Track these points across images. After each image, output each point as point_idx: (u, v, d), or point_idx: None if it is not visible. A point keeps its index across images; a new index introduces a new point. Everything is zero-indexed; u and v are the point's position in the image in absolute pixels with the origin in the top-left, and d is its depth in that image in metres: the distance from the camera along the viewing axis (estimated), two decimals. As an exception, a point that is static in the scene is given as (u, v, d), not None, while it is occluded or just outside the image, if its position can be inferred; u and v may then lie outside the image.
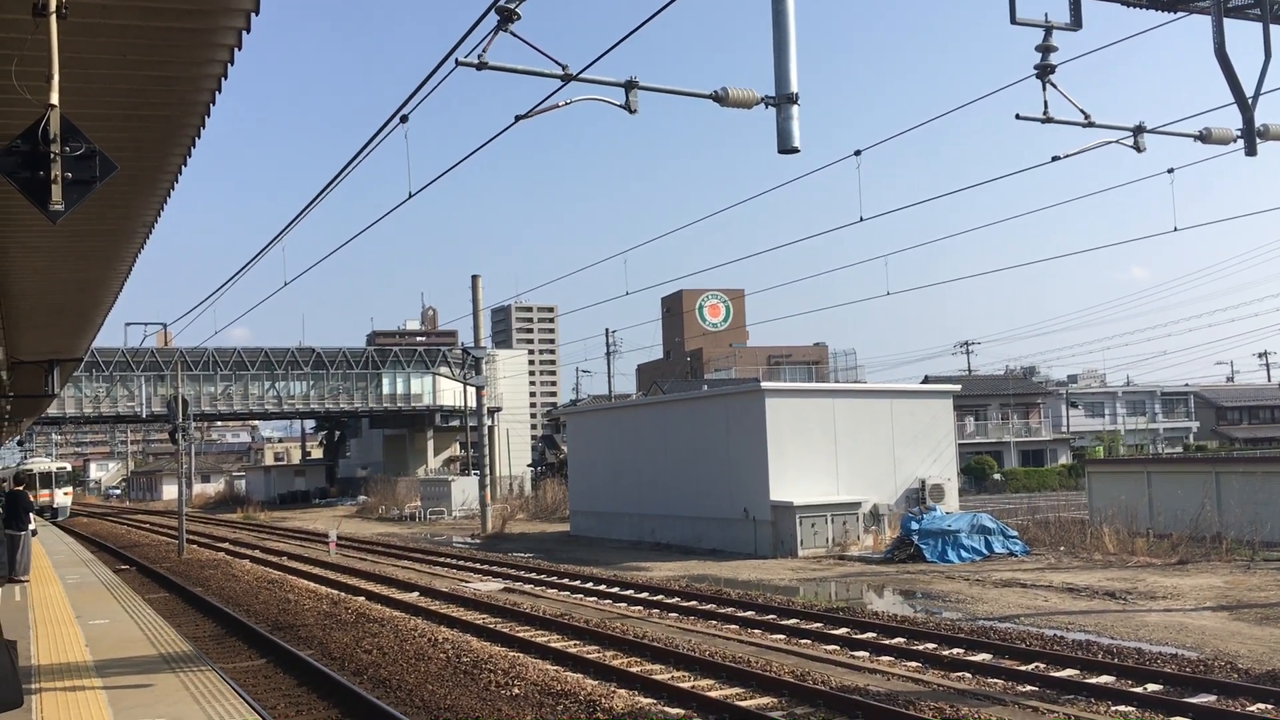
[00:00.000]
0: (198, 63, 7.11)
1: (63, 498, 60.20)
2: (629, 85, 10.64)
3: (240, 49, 6.91)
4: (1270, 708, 10.84)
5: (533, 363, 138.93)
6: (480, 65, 9.80)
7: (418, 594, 22.12)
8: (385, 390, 72.60)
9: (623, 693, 11.87)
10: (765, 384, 32.26)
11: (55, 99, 5.39)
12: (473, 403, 50.53)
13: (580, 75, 10.35)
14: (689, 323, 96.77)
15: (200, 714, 8.67)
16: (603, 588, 22.26)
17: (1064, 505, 36.81)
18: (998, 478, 60.62)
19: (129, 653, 11.82)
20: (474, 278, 44.26)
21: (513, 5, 9.33)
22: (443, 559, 30.21)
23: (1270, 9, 11.60)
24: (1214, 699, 11.22)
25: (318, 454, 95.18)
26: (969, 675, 12.71)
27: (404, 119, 11.20)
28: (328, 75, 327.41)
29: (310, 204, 14.33)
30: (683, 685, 12.20)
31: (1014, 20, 11.72)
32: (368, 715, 11.05)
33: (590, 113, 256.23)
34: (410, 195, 14.05)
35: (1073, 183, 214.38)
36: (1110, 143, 13.52)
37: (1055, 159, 14.34)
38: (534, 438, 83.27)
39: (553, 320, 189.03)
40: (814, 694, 11.58)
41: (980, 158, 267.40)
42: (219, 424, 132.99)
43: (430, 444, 75.97)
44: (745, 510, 29.18)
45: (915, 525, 25.68)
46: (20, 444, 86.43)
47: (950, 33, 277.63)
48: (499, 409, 72.45)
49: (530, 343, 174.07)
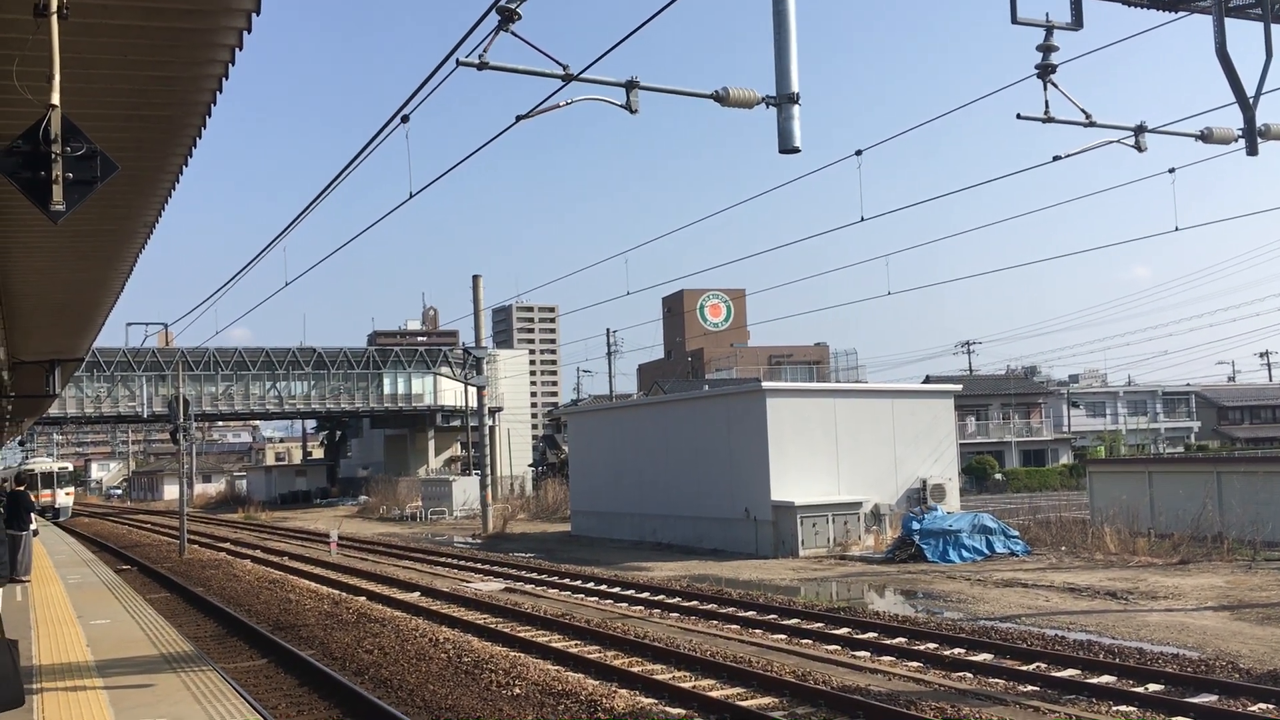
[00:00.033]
0: (199, 63, 7.11)
1: (64, 498, 60.12)
2: (630, 85, 10.65)
3: (241, 49, 6.91)
4: (1272, 708, 10.84)
5: (534, 363, 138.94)
6: (481, 65, 9.81)
7: (419, 594, 22.13)
8: (386, 390, 72.62)
9: (624, 693, 11.87)
10: (766, 384, 32.26)
11: (56, 99, 5.39)
12: (474, 403, 50.54)
13: (581, 75, 10.35)
14: (690, 323, 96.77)
15: (201, 714, 8.67)
16: (604, 588, 22.27)
17: (1065, 505, 36.83)
18: (999, 478, 60.59)
19: (130, 653, 11.82)
20: (475, 278, 44.29)
21: (513, 5, 9.33)
22: (444, 559, 30.22)
23: (1271, 9, 11.60)
24: (1215, 699, 11.23)
25: (319, 454, 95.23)
26: (970, 675, 12.72)
27: (405, 119, 11.20)
28: (328, 75, 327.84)
29: (311, 204, 14.34)
30: (684, 685, 12.21)
31: (1015, 20, 11.73)
32: (369, 715, 11.06)
33: (591, 113, 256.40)
34: (411, 195, 14.06)
35: (1074, 182, 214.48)
36: (1111, 142, 13.52)
37: (1056, 159, 14.36)
38: (535, 438, 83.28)
39: (554, 320, 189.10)
40: (815, 694, 11.59)
41: (981, 157, 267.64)
42: (220, 424, 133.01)
43: (431, 444, 76.00)
44: (746, 510, 29.18)
45: (916, 525, 25.68)
46: (21, 444, 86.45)
47: (950, 33, 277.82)
48: (500, 409, 72.48)
49: (531, 343, 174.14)
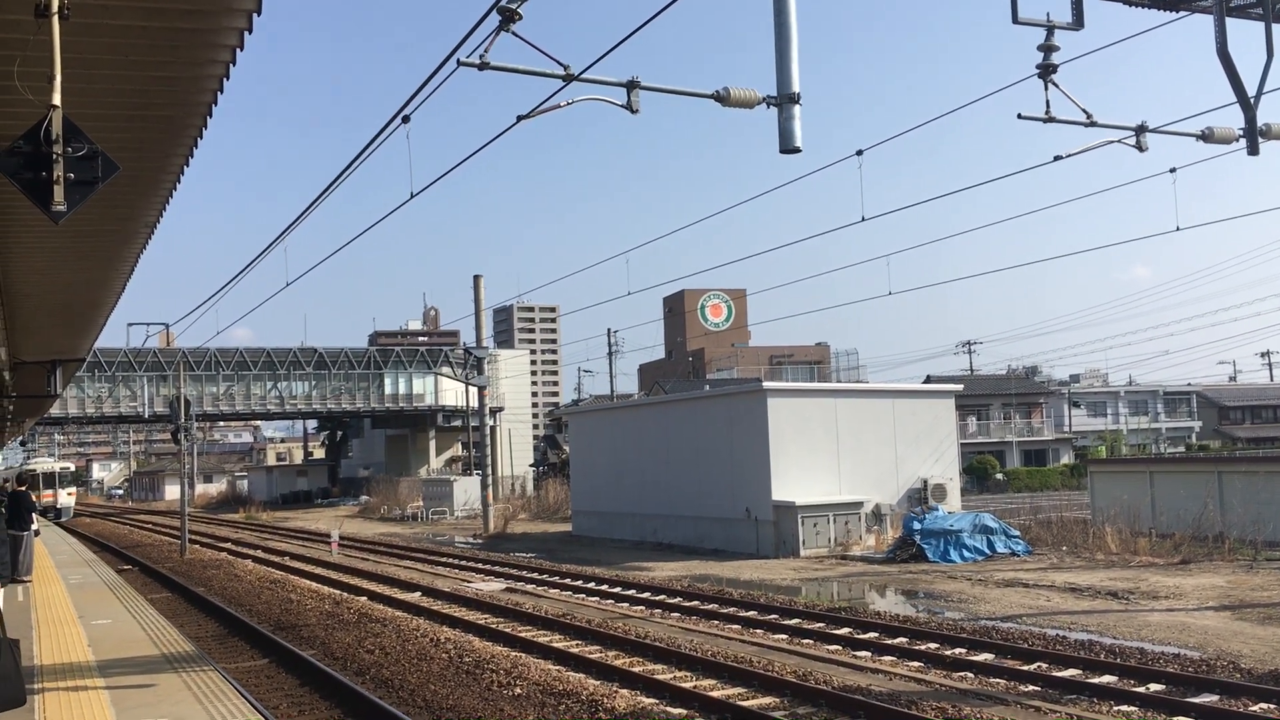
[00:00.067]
0: (200, 63, 7.12)
1: (66, 498, 60.11)
2: (630, 85, 10.65)
3: (242, 49, 6.92)
4: (1273, 707, 10.83)
5: (535, 363, 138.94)
6: (482, 65, 9.81)
7: (420, 594, 22.13)
8: (387, 390, 72.63)
9: (625, 693, 11.87)
10: (767, 384, 32.25)
11: (57, 100, 5.40)
12: (475, 403, 50.55)
13: (582, 75, 10.35)
14: (691, 322, 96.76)
15: (203, 714, 8.67)
16: (605, 588, 22.27)
17: (1066, 505, 36.80)
18: (1000, 477, 60.55)
19: (131, 653, 11.83)
20: (476, 278, 44.25)
21: (514, 5, 9.33)
22: (445, 559, 30.22)
23: (1272, 9, 11.60)
24: (1216, 699, 11.22)
25: (320, 454, 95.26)
26: (971, 675, 12.71)
27: (406, 119, 11.20)
28: (329, 76, 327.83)
29: (312, 204, 14.34)
30: (685, 685, 12.21)
31: (1016, 20, 11.72)
32: (370, 715, 11.06)
33: (592, 113, 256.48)
34: (412, 195, 14.06)
35: (1075, 182, 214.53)
36: (1112, 142, 13.52)
37: (1057, 158, 14.36)
38: (536, 438, 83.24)
39: (555, 320, 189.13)
40: (816, 694, 11.59)
41: (982, 157, 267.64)
42: (221, 424, 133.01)
43: (432, 444, 75.99)
44: (747, 510, 29.17)
45: (917, 525, 25.68)
46: (23, 444, 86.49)
47: (950, 33, 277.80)
48: (501, 409, 72.48)
49: (532, 343, 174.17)
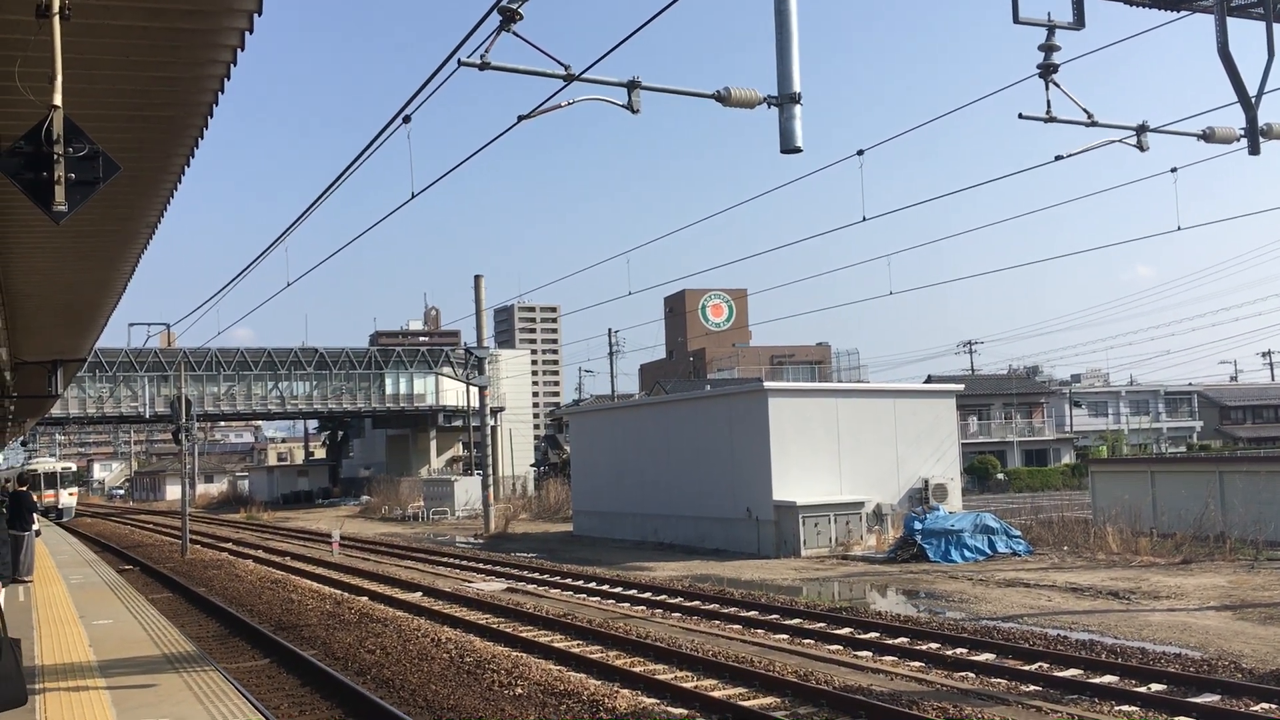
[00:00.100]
0: (200, 63, 7.12)
1: (68, 498, 60.01)
2: (631, 85, 10.65)
3: (243, 49, 6.92)
4: (1274, 707, 10.82)
5: (535, 363, 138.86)
6: (483, 65, 9.81)
7: (421, 594, 22.13)
8: (388, 390, 72.64)
9: (626, 693, 11.87)
10: (768, 384, 32.26)
11: (58, 100, 5.40)
12: (476, 403, 50.55)
13: (583, 75, 10.35)
14: (692, 322, 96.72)
15: (204, 714, 8.67)
16: (606, 588, 22.27)
17: (1067, 505, 36.77)
18: (1001, 477, 60.52)
19: (132, 653, 11.83)
20: (477, 278, 44.23)
21: (515, 5, 9.33)
22: (446, 559, 30.22)
23: (1273, 8, 11.59)
24: (1218, 699, 11.22)
25: (321, 454, 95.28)
26: (972, 675, 12.71)
27: (407, 119, 11.19)
28: (330, 76, 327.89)
29: (313, 204, 14.33)
30: (686, 685, 12.21)
31: (1017, 20, 11.71)
32: (371, 715, 11.06)
33: (593, 113, 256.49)
34: (413, 195, 14.06)
35: (1075, 182, 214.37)
36: (1113, 142, 13.52)
37: (1058, 158, 14.35)
38: (537, 438, 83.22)
39: (555, 320, 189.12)
40: (817, 694, 11.59)
41: (983, 157, 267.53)
42: (222, 424, 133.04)
43: (433, 444, 76.00)
44: (748, 510, 29.17)
45: (918, 525, 25.67)
46: (24, 444, 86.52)
47: (951, 32, 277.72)
48: (502, 409, 72.48)
49: (533, 343, 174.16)
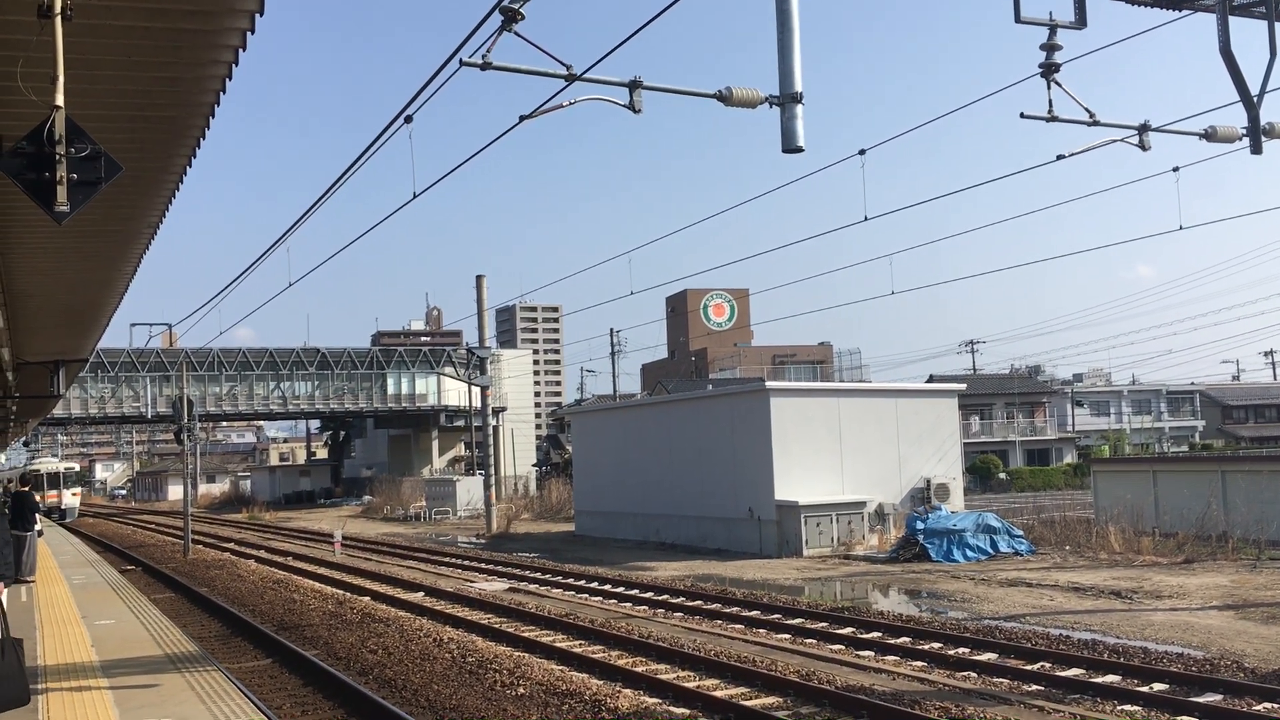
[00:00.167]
0: (202, 64, 7.11)
1: (71, 499, 59.73)
2: (633, 85, 10.65)
3: (244, 49, 6.92)
4: (1277, 707, 10.81)
5: (537, 363, 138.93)
6: (485, 65, 9.81)
7: (423, 594, 22.14)
8: (390, 390, 72.65)
9: (628, 692, 11.87)
10: (770, 383, 32.25)
11: (60, 100, 5.40)
12: (478, 403, 50.55)
13: (584, 75, 10.35)
14: (694, 322, 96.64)
15: (206, 714, 8.68)
16: (608, 587, 22.27)
17: (1069, 504, 36.79)
18: (1003, 477, 60.48)
19: (135, 653, 11.83)
20: (479, 278, 44.23)
21: (517, 5, 9.33)
22: (448, 559, 30.24)
23: (1275, 7, 11.58)
24: (1220, 698, 11.21)
25: (323, 454, 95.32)
26: (974, 675, 12.71)
27: (408, 119, 11.20)
28: (331, 76, 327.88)
29: (315, 204, 14.34)
30: (688, 685, 12.21)
31: (1019, 19, 11.71)
32: (373, 715, 11.07)
33: (594, 112, 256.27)
34: (415, 195, 14.07)
35: (1077, 181, 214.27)
36: (1115, 141, 13.51)
37: (1060, 158, 14.34)
38: (539, 438, 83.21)
39: (557, 320, 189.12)
40: (819, 693, 11.58)
41: (984, 157, 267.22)
42: (224, 424, 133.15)
43: (435, 444, 76.01)
44: (750, 510, 29.17)
45: (920, 524, 25.67)
46: (26, 444, 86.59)
47: (952, 32, 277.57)
48: (504, 409, 72.48)
49: (535, 343, 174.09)
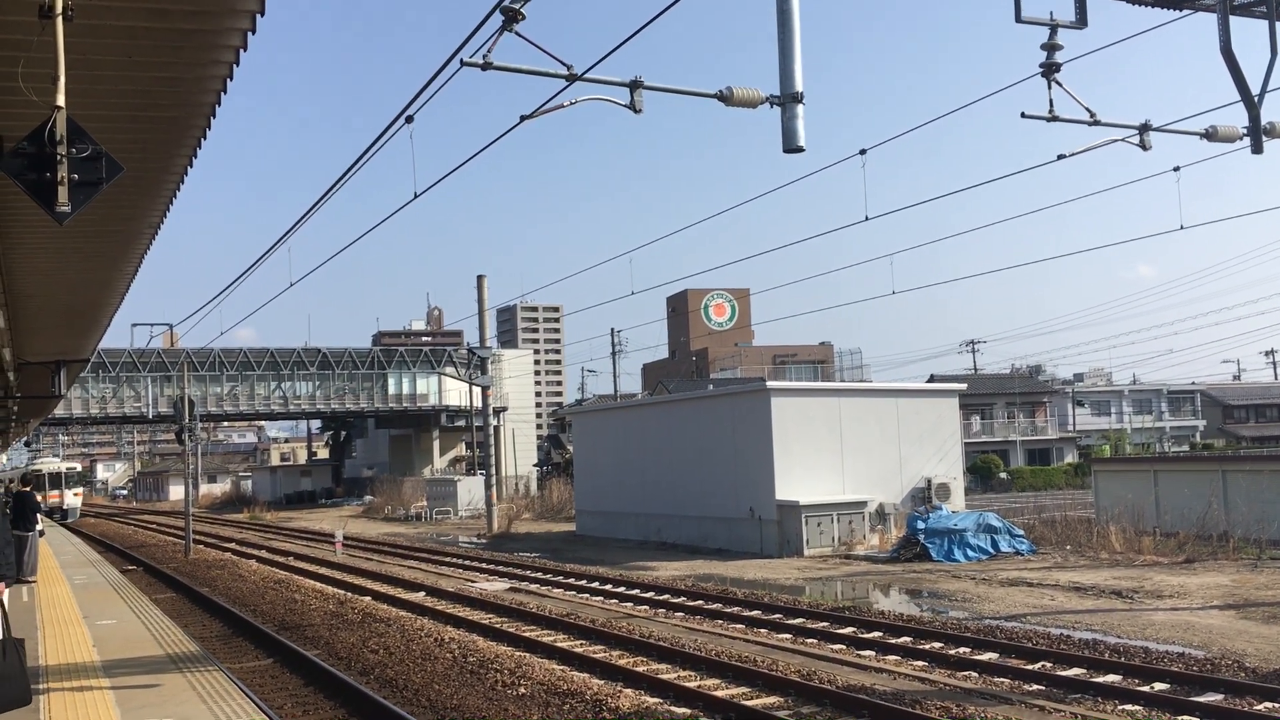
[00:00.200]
0: (203, 64, 7.12)
1: (73, 499, 59.51)
2: (634, 85, 10.65)
3: (245, 50, 6.92)
4: (1278, 706, 10.81)
5: (538, 363, 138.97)
6: (485, 65, 9.81)
7: (424, 594, 22.15)
8: (391, 390, 72.66)
9: (629, 692, 11.87)
10: (771, 383, 32.25)
11: (61, 100, 5.40)
12: (478, 403, 50.54)
13: (585, 75, 10.36)
14: (694, 322, 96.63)
15: (207, 714, 8.68)
16: (609, 587, 22.28)
17: (1070, 504, 36.78)
18: (1004, 476, 60.46)
19: (136, 653, 11.83)
20: (479, 278, 44.25)
21: (517, 5, 9.33)
22: (449, 559, 30.24)
23: (1276, 7, 11.57)
24: (1221, 698, 11.21)
25: (324, 454, 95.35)
26: (975, 674, 12.71)
27: (409, 119, 11.20)
28: (332, 76, 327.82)
29: (316, 204, 14.34)
30: (689, 685, 12.21)
31: (1019, 19, 11.70)
32: (374, 715, 11.07)
33: (595, 112, 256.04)
34: (416, 195, 14.08)
35: (1078, 181, 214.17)
36: (1116, 141, 13.51)
37: (1061, 157, 14.33)
38: (540, 437, 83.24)
39: (558, 320, 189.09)
40: (820, 693, 11.58)
41: (985, 156, 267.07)
42: (225, 424, 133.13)
43: (436, 444, 76.02)
44: (751, 509, 29.17)
45: (921, 524, 25.67)
46: (27, 444, 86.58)
47: (953, 32, 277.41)
48: (505, 409, 72.48)
49: (536, 343, 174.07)
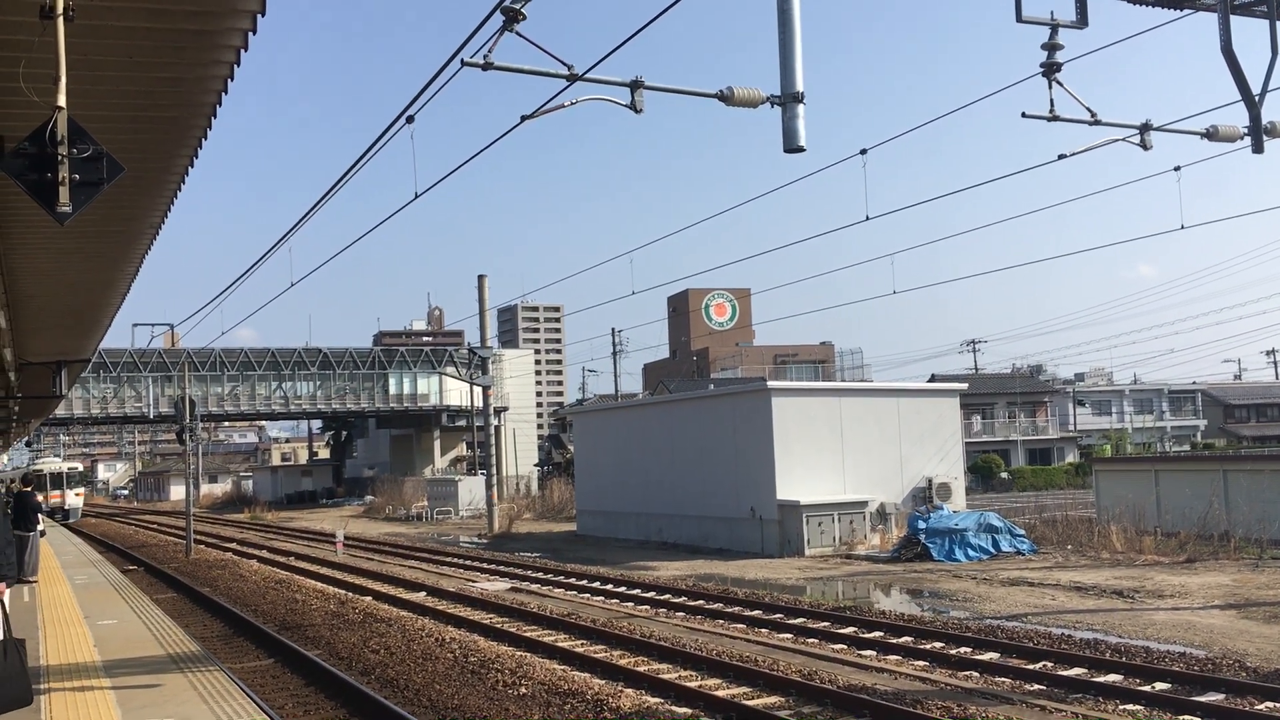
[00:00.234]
0: (204, 64, 7.12)
1: (74, 499, 59.21)
2: (634, 85, 10.65)
3: (246, 50, 6.92)
4: (1279, 706, 10.81)
5: (539, 362, 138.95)
6: (486, 66, 9.81)
7: (425, 594, 22.15)
8: (392, 390, 72.67)
9: (630, 692, 11.87)
10: (772, 383, 32.26)
11: (62, 101, 5.41)
12: (479, 403, 50.54)
13: (586, 75, 10.35)
14: (695, 322, 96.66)
15: (208, 714, 8.68)
16: (610, 587, 22.28)
17: (1071, 504, 36.77)
18: (1005, 476, 60.44)
19: (137, 653, 11.84)
20: (480, 278, 44.26)
21: (518, 5, 9.33)
22: (450, 559, 30.25)
23: (1277, 6, 11.57)
24: (1222, 697, 11.20)
25: (324, 454, 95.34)
26: (976, 674, 12.71)
27: (410, 119, 11.19)
28: (332, 76, 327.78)
29: (317, 204, 14.34)
30: (690, 684, 12.21)
31: (1020, 18, 11.70)
32: (375, 715, 11.07)
33: (595, 112, 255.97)
34: (416, 195, 14.08)
35: (1079, 181, 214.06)
36: (1117, 140, 13.51)
37: (1061, 157, 14.33)
38: (540, 437, 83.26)
39: (559, 320, 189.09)
40: (821, 693, 11.58)
41: (985, 156, 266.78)
42: (226, 424, 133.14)
43: (437, 444, 76.04)
44: (752, 509, 29.17)
45: (922, 524, 25.67)
46: (28, 445, 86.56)
47: (953, 31, 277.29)
48: (505, 409, 72.49)
49: (536, 342, 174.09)
